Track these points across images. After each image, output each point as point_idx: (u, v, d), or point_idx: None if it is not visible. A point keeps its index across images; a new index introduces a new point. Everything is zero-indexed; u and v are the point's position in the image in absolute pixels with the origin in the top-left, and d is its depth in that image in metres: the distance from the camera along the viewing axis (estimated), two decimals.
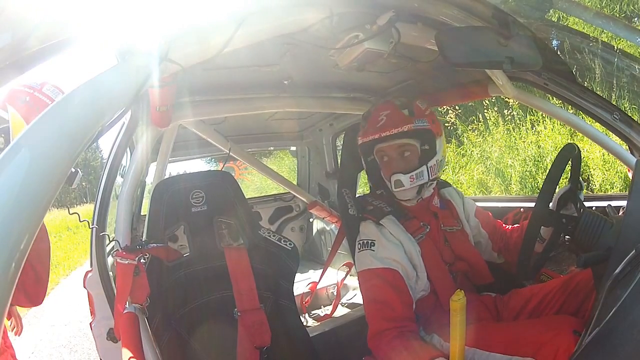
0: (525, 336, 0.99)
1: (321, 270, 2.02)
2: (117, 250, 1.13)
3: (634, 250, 0.68)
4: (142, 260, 1.11)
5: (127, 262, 1.08)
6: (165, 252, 1.23)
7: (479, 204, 1.51)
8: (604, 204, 1.34)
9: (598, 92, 1.35)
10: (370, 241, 1.22)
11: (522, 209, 1.67)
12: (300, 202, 3.11)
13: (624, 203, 1.34)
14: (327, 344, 1.76)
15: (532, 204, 1.16)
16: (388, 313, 1.12)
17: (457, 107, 5.50)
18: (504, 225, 1.47)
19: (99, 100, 0.59)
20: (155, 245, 1.18)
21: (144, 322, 1.09)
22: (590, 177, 3.84)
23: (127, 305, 1.06)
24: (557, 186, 1.15)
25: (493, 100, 4.97)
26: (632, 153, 1.34)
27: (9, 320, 1.58)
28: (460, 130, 5.51)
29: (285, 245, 1.35)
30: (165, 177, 2.16)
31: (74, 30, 0.65)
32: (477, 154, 5.15)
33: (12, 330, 1.59)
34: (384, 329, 1.10)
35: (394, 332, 1.08)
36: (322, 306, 2.44)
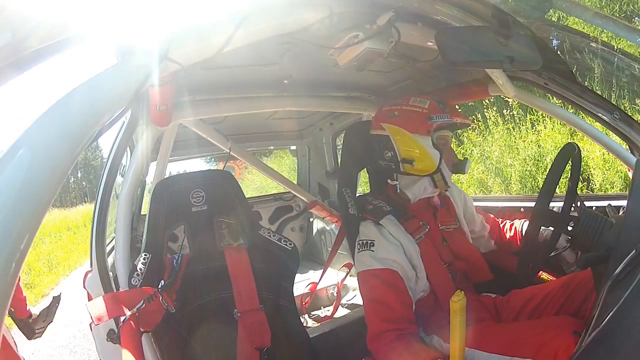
0: (524, 337, 0.99)
1: (321, 270, 2.02)
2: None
3: (634, 251, 0.67)
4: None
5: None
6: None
7: (479, 203, 1.52)
8: (604, 203, 1.34)
9: (598, 92, 1.35)
10: (369, 241, 1.22)
11: (522, 209, 1.67)
12: (300, 202, 3.11)
13: (624, 203, 1.34)
14: (327, 344, 1.76)
15: (532, 204, 1.16)
16: (387, 314, 1.11)
17: (456, 107, 5.48)
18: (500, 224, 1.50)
19: (99, 100, 0.59)
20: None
21: None
22: (590, 177, 3.84)
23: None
24: (557, 186, 1.16)
25: (493, 100, 4.97)
26: (632, 152, 1.34)
27: None
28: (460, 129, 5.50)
29: (286, 245, 1.35)
30: (165, 176, 2.15)
31: (74, 30, 0.65)
32: (477, 153, 5.14)
33: None
34: (383, 331, 1.10)
35: (394, 334, 1.08)
36: (322, 307, 2.44)
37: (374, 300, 1.15)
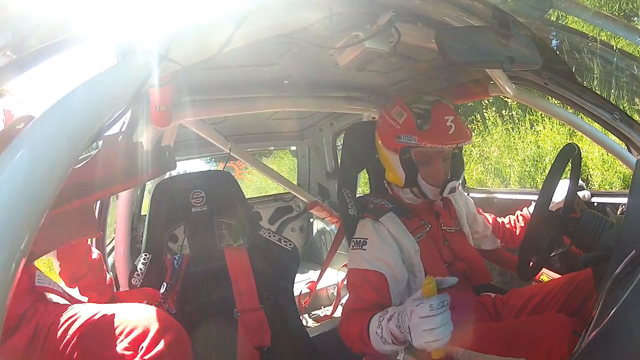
0: (519, 335, 0.99)
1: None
2: None
3: (634, 251, 0.68)
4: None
5: None
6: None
7: (482, 195, 1.52)
8: (605, 200, 1.34)
9: (597, 92, 1.35)
10: (362, 240, 1.21)
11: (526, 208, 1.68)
12: (300, 202, 3.11)
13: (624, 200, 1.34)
14: (327, 344, 1.75)
15: (535, 197, 1.16)
16: (359, 305, 1.12)
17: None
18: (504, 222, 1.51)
19: (98, 100, 0.59)
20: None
21: None
22: (589, 177, 3.84)
23: None
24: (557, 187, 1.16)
25: (492, 100, 4.97)
26: (631, 153, 1.35)
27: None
28: None
29: (286, 245, 1.35)
30: (165, 177, 2.15)
31: (75, 30, 0.65)
32: (476, 153, 5.14)
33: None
34: (349, 312, 1.11)
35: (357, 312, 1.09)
36: (322, 306, 2.44)
37: (357, 298, 1.15)
